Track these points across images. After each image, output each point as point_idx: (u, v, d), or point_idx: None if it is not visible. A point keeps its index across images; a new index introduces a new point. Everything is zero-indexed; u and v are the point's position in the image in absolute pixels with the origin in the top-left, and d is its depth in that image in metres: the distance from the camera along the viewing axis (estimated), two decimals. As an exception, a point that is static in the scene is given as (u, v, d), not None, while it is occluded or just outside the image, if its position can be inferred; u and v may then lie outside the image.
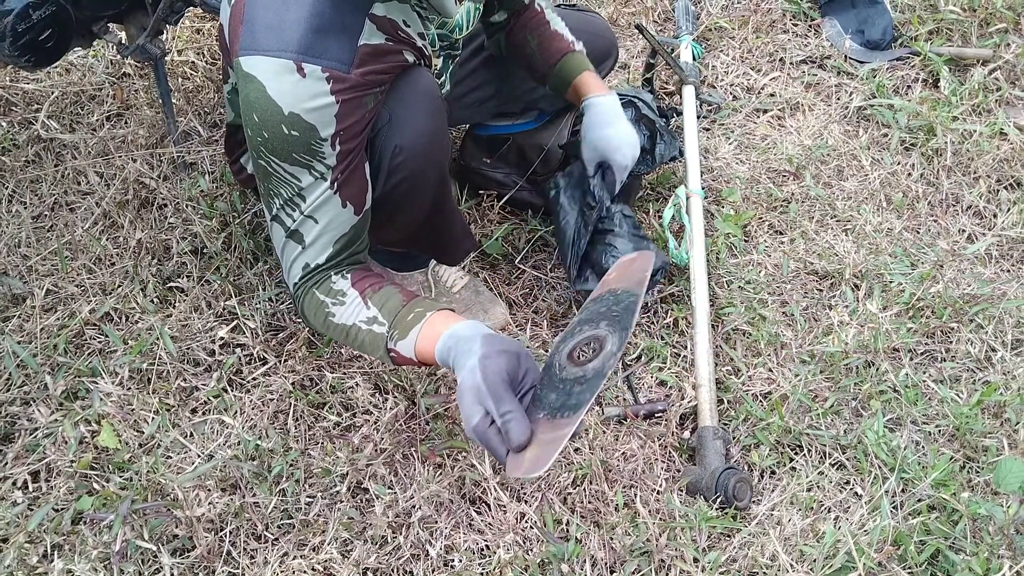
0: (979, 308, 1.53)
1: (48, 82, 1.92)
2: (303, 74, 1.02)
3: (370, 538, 1.22)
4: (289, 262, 1.17)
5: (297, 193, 1.10)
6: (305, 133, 1.05)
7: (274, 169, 1.09)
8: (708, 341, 1.43)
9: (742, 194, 1.76)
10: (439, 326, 1.07)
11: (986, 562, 1.15)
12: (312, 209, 1.11)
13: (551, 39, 1.49)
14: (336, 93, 1.05)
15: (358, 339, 1.14)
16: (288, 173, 1.09)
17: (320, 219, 1.12)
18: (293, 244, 1.15)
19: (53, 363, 1.41)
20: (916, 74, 2.04)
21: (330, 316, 1.15)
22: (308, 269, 1.16)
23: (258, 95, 1.03)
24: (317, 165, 1.08)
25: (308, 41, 1.02)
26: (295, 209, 1.12)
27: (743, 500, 1.24)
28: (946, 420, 1.37)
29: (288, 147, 1.06)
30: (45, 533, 1.19)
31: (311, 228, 1.13)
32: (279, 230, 1.15)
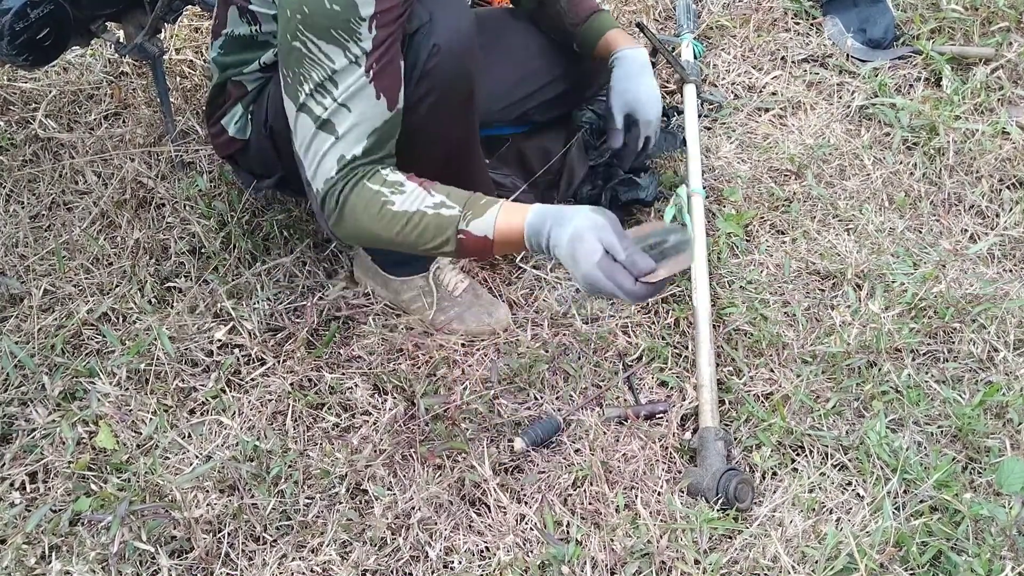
0: (982, 308, 1.52)
1: (46, 81, 1.92)
2: None
3: (369, 540, 1.21)
4: (319, 155, 1.12)
5: (329, 77, 1.08)
6: (346, 9, 1.04)
7: (308, 49, 1.07)
8: (709, 341, 1.43)
9: (743, 193, 1.75)
10: (520, 207, 1.12)
11: (988, 563, 1.15)
12: (346, 96, 1.09)
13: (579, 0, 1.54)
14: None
15: (420, 225, 1.10)
16: (323, 53, 1.07)
17: (353, 108, 1.10)
18: (324, 135, 1.11)
19: (51, 363, 1.40)
20: (918, 73, 2.03)
21: (388, 204, 1.11)
22: (344, 161, 1.12)
23: None
24: (353, 46, 1.07)
25: None
26: (326, 95, 1.09)
27: (744, 501, 1.24)
28: (948, 421, 1.36)
29: (327, 21, 1.05)
30: (43, 534, 1.19)
31: (344, 117, 1.10)
32: (306, 120, 1.11)
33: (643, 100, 1.49)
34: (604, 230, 1.05)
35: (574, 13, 1.53)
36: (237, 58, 1.31)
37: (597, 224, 1.05)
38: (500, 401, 1.39)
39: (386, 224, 1.12)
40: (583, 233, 1.04)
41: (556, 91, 1.63)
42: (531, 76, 1.60)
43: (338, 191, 1.13)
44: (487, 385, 1.42)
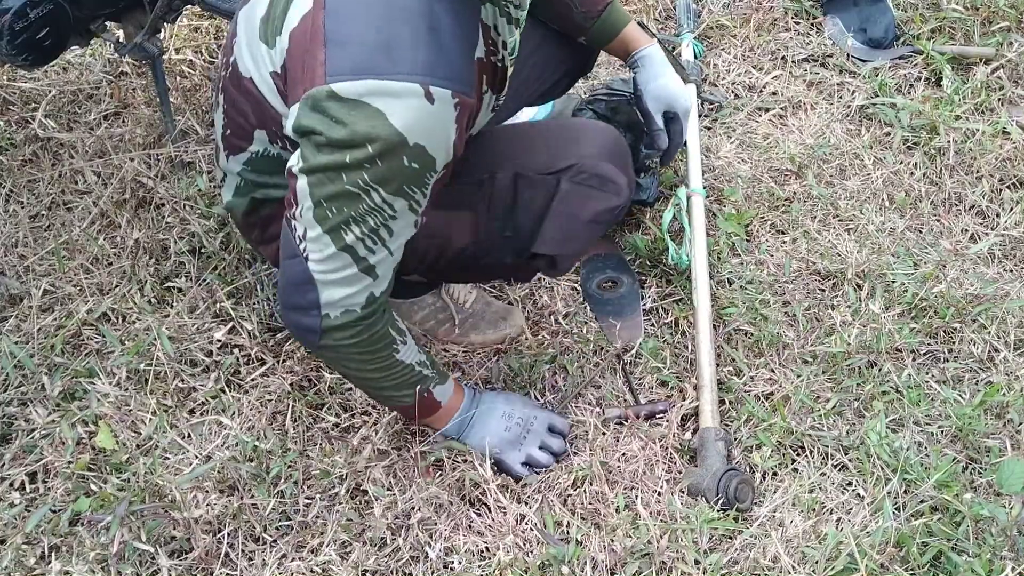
0: (982, 308, 1.52)
1: (45, 81, 1.91)
2: (431, 100, 0.88)
3: (369, 540, 1.21)
4: (348, 290, 1.03)
5: (384, 224, 0.98)
6: (425, 165, 0.94)
7: (371, 198, 0.95)
8: (709, 341, 1.43)
9: (744, 193, 1.75)
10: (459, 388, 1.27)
11: (988, 563, 1.15)
12: (396, 244, 1.02)
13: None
14: (458, 121, 0.93)
15: (403, 376, 1.14)
16: (386, 203, 0.96)
17: (395, 252, 1.04)
18: (362, 276, 1.03)
19: (50, 364, 1.40)
20: (919, 73, 2.03)
21: (395, 352, 1.12)
22: (373, 299, 1.05)
23: (376, 125, 0.88)
24: (419, 196, 0.98)
25: (433, 59, 0.88)
26: (378, 243, 1.00)
27: (745, 502, 1.23)
28: (949, 421, 1.36)
29: (402, 179, 0.94)
30: (42, 534, 1.19)
31: (388, 262, 1.04)
32: (345, 259, 1.00)
33: (677, 94, 1.42)
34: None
35: (586, 7, 1.43)
36: (270, 179, 1.16)
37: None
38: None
39: (382, 367, 1.12)
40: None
41: (553, 79, 1.56)
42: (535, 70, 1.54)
43: (360, 327, 1.06)
44: (488, 386, 1.42)
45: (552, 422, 1.32)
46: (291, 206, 1.00)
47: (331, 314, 1.04)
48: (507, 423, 1.28)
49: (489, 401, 1.30)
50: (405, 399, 1.19)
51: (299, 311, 1.06)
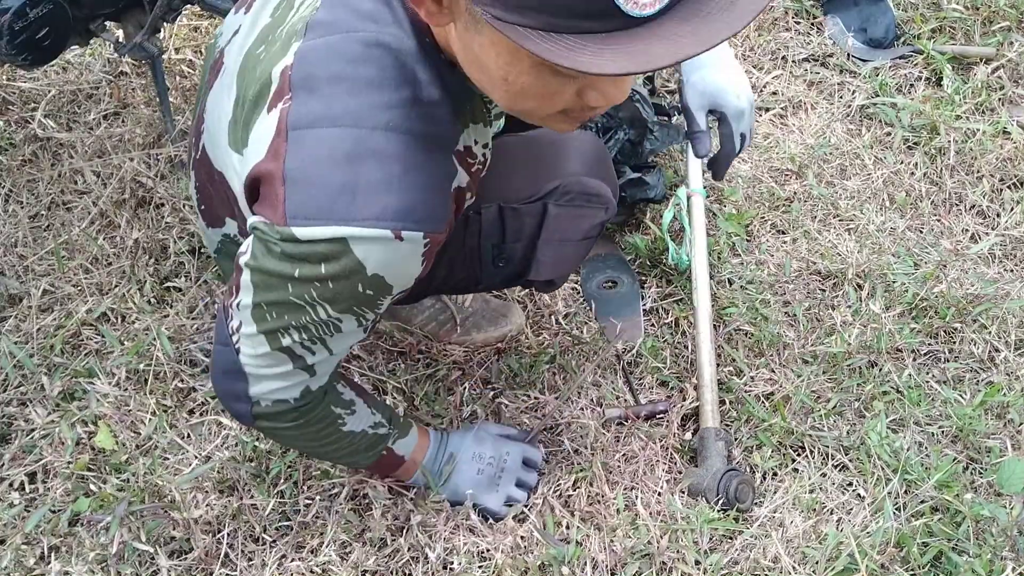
0: (982, 308, 1.52)
1: (45, 81, 1.91)
2: (401, 240, 0.80)
3: (369, 540, 1.21)
4: (280, 387, 0.96)
5: (328, 335, 0.91)
6: (380, 291, 0.86)
7: (315, 311, 0.87)
8: (710, 341, 1.42)
9: (744, 193, 1.75)
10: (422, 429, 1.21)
11: (989, 564, 1.15)
12: (339, 349, 0.94)
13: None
14: (426, 256, 0.85)
15: (356, 443, 1.08)
16: (332, 318, 0.88)
17: (338, 353, 0.96)
18: (299, 373, 0.95)
19: (50, 364, 1.40)
20: (919, 73, 2.03)
21: (341, 426, 1.06)
22: (309, 393, 0.98)
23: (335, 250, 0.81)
24: (369, 316, 0.91)
25: (406, 205, 0.80)
26: (317, 345, 0.92)
27: (745, 502, 1.23)
28: (949, 421, 1.36)
29: (353, 301, 0.86)
30: (42, 535, 1.19)
31: (329, 362, 0.96)
32: (280, 357, 0.92)
33: (728, 88, 1.20)
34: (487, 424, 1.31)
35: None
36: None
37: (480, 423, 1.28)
38: (501, 401, 1.39)
39: (330, 441, 1.06)
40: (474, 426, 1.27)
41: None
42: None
43: (295, 415, 0.99)
44: (488, 386, 1.42)
45: (525, 454, 1.27)
46: (231, 295, 0.92)
47: (262, 403, 0.97)
48: (479, 465, 1.23)
49: (456, 444, 1.23)
50: (363, 461, 1.14)
51: (229, 395, 0.98)
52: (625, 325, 1.49)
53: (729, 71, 1.21)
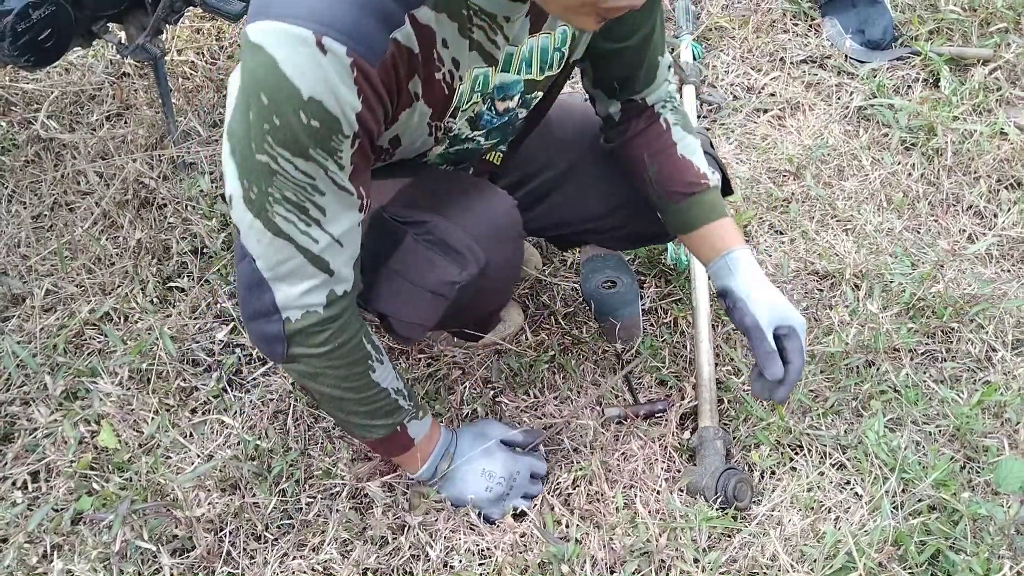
0: (979, 308, 1.53)
1: (48, 82, 1.92)
2: (323, 51, 0.80)
3: (370, 539, 1.21)
4: (302, 289, 0.95)
5: (310, 200, 0.89)
6: (326, 125, 0.84)
7: (280, 165, 0.87)
8: (708, 341, 1.43)
9: (742, 194, 1.76)
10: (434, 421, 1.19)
11: (986, 562, 1.15)
12: (340, 232, 0.93)
13: (676, 168, 1.20)
14: (358, 86, 0.84)
15: (379, 402, 1.06)
16: (300, 171, 0.87)
17: (344, 240, 0.94)
18: (314, 270, 0.94)
19: (53, 363, 1.40)
20: (916, 74, 2.04)
21: (370, 371, 1.03)
22: (336, 298, 0.96)
23: (268, 71, 0.81)
24: (332, 165, 0.88)
25: (335, 10, 0.80)
26: (311, 223, 0.91)
27: (743, 501, 1.24)
28: (946, 420, 1.37)
29: (304, 139, 0.85)
30: (45, 533, 1.19)
31: (340, 254, 0.94)
32: (288, 250, 0.92)
33: (787, 303, 1.17)
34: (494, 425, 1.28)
35: (668, 186, 1.20)
36: None
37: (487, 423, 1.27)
38: (501, 401, 1.40)
39: (357, 386, 1.03)
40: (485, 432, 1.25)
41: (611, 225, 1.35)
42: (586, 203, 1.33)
43: (327, 332, 0.96)
44: (488, 385, 1.43)
45: (533, 468, 1.25)
46: (230, 203, 0.93)
47: (291, 317, 0.96)
48: (488, 483, 1.21)
49: (467, 448, 1.21)
50: (377, 430, 1.10)
51: (260, 319, 0.97)
52: (624, 325, 1.50)
53: (781, 294, 1.19)
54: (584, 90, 1.24)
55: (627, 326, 1.50)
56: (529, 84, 1.08)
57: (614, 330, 1.50)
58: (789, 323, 1.16)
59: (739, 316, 1.16)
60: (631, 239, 1.40)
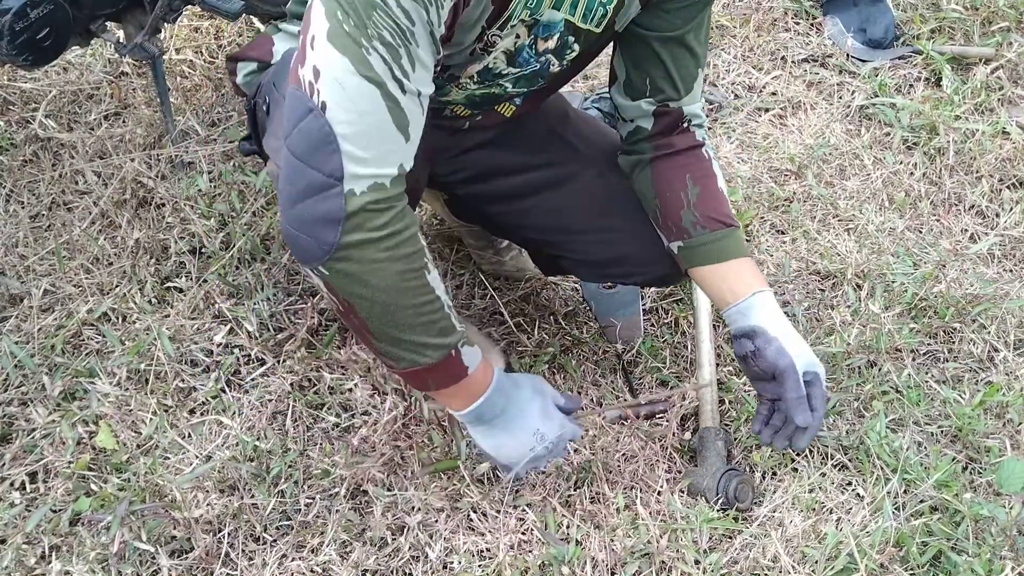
0: (982, 308, 1.52)
1: (46, 81, 1.92)
2: None
3: (369, 540, 1.21)
4: (380, 154, 0.85)
5: (405, 43, 0.83)
6: None
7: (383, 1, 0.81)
8: (710, 341, 1.43)
9: (744, 193, 1.75)
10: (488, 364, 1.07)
11: (988, 563, 1.15)
12: (417, 76, 0.85)
13: (716, 197, 1.17)
14: None
15: (435, 314, 0.93)
16: (403, 12, 0.81)
17: (423, 96, 0.87)
18: (394, 130, 0.85)
19: (51, 363, 1.40)
20: (918, 73, 2.03)
21: (426, 271, 0.91)
22: (403, 174, 0.87)
23: None
24: (433, 16, 0.83)
25: None
26: (403, 73, 0.84)
27: (744, 502, 1.24)
28: (948, 421, 1.36)
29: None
30: (43, 534, 1.19)
31: (418, 118, 0.87)
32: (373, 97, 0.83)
33: (811, 351, 1.13)
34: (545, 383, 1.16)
35: (704, 215, 1.15)
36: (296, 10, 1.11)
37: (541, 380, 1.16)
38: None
39: (413, 287, 0.91)
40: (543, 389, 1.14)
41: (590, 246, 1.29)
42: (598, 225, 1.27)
43: (392, 212, 0.86)
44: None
45: (574, 436, 1.18)
46: (303, 43, 0.85)
47: (356, 189, 0.84)
48: (536, 443, 1.10)
49: (526, 401, 1.09)
50: (430, 352, 0.95)
51: (314, 195, 0.85)
52: (625, 325, 1.50)
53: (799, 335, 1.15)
54: (613, 100, 1.21)
55: (627, 326, 1.50)
56: (569, 27, 1.05)
57: (614, 330, 1.49)
58: (815, 369, 1.12)
59: (772, 356, 1.10)
60: (603, 273, 1.35)
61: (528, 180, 1.28)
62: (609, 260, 1.29)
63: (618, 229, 1.25)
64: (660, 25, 1.11)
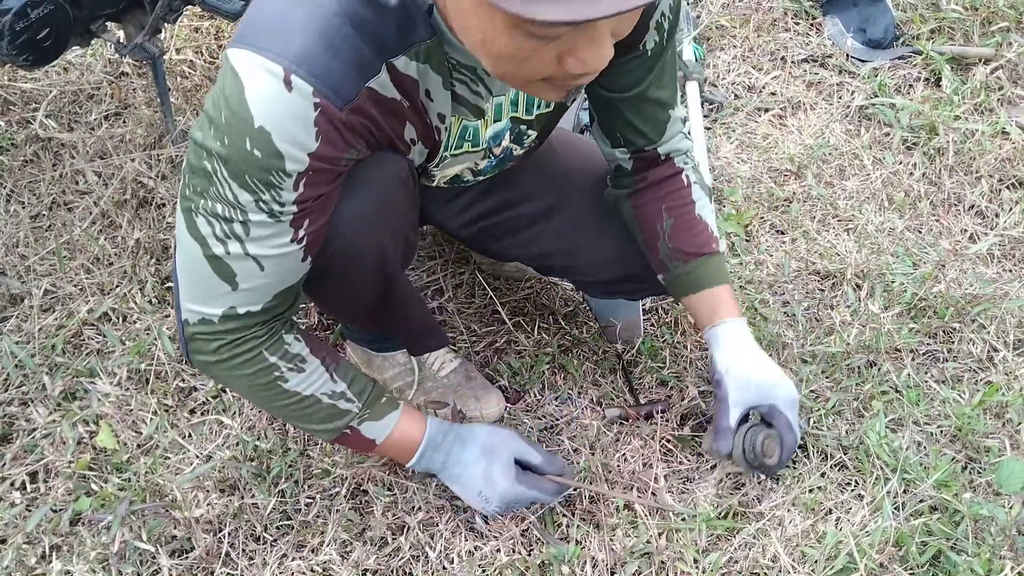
0: (981, 308, 1.52)
1: (46, 81, 1.92)
2: (289, 87, 0.81)
3: (369, 540, 1.21)
4: (202, 294, 0.94)
5: (239, 220, 0.88)
6: (268, 158, 0.84)
7: (217, 179, 0.87)
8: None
9: (743, 193, 1.75)
10: (418, 416, 1.14)
11: (988, 563, 1.15)
12: (262, 253, 0.91)
13: (691, 227, 1.17)
14: (319, 128, 0.84)
15: (308, 408, 1.03)
16: (233, 195, 0.87)
17: (268, 268, 0.92)
18: (217, 280, 0.93)
19: (51, 363, 1.40)
20: (918, 73, 2.03)
21: (281, 381, 1.00)
22: (234, 313, 0.95)
23: (233, 93, 0.82)
24: (268, 200, 0.87)
25: (309, 52, 0.82)
26: (232, 239, 0.90)
27: (772, 458, 1.15)
28: (948, 421, 1.36)
29: (243, 166, 0.84)
30: (43, 534, 1.19)
31: (252, 273, 0.92)
32: (196, 250, 0.91)
33: (778, 381, 1.15)
34: (511, 440, 1.17)
35: (681, 244, 1.17)
36: None
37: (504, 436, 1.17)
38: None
39: (269, 396, 1.01)
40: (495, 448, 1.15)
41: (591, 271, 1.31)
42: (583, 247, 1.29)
43: (219, 343, 0.96)
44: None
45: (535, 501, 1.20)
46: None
47: (189, 319, 0.97)
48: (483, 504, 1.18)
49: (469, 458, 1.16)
50: (321, 434, 1.08)
51: (175, 310, 0.99)
52: (625, 325, 1.50)
53: (772, 368, 1.17)
54: (594, 137, 1.21)
55: (627, 326, 1.50)
56: (516, 121, 1.08)
57: (614, 330, 1.49)
58: (770, 401, 1.15)
59: (717, 389, 1.16)
60: (608, 291, 1.35)
61: (527, 212, 1.28)
62: (616, 279, 1.30)
63: (622, 248, 1.26)
64: (620, 84, 1.08)
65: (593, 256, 1.28)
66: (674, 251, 1.18)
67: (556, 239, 1.28)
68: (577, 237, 1.28)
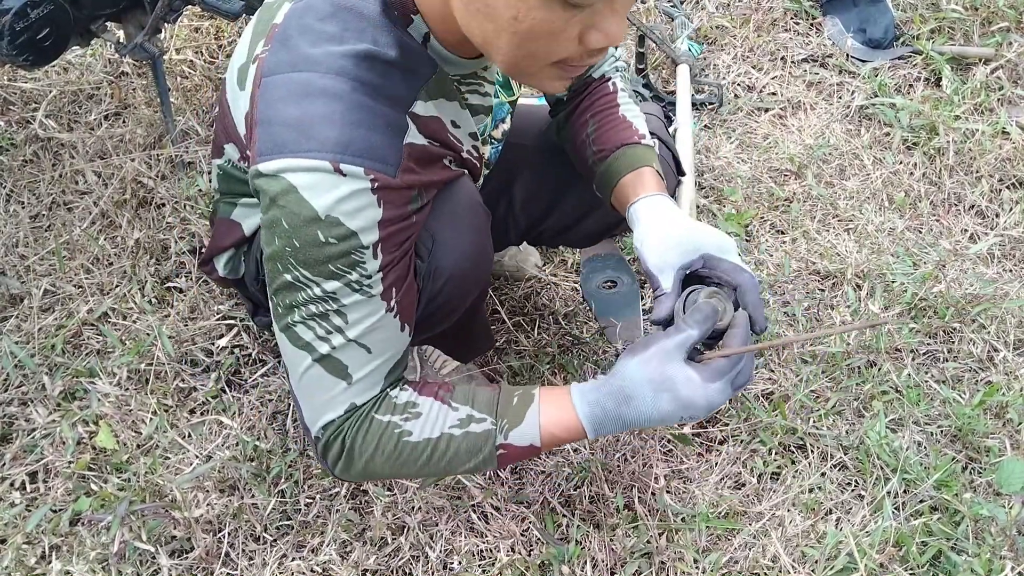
0: (981, 308, 1.52)
1: (46, 81, 1.92)
2: (342, 175, 0.82)
3: (369, 540, 1.21)
4: (322, 402, 0.91)
5: (334, 310, 0.87)
6: (345, 242, 0.84)
7: (304, 283, 0.86)
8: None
9: (743, 193, 1.75)
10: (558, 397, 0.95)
11: (988, 563, 1.15)
12: (361, 332, 0.89)
13: (613, 127, 1.12)
14: (381, 197, 0.85)
15: (449, 451, 0.93)
16: (322, 289, 0.86)
17: (374, 346, 0.90)
18: (332, 379, 0.90)
19: (51, 363, 1.40)
20: (918, 73, 2.03)
21: (405, 436, 0.92)
22: (355, 409, 0.92)
23: (288, 199, 0.82)
24: (355, 276, 0.87)
25: (346, 137, 0.82)
26: (333, 333, 0.88)
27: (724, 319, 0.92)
28: (948, 421, 1.36)
29: (324, 257, 0.84)
30: (43, 534, 1.19)
31: (360, 358, 0.90)
32: (304, 359, 0.90)
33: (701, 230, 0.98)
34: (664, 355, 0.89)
35: (600, 143, 1.11)
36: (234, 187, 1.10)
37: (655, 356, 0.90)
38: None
39: (407, 459, 0.93)
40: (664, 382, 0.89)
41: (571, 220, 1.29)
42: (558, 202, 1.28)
43: (343, 434, 0.93)
44: (487, 385, 1.42)
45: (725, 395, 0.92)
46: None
47: (317, 435, 0.93)
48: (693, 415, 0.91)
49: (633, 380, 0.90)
50: (481, 466, 0.95)
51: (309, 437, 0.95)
52: (625, 325, 1.50)
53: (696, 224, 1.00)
54: None
55: (627, 326, 1.50)
56: (512, 104, 1.13)
57: (614, 330, 1.49)
58: (698, 252, 0.96)
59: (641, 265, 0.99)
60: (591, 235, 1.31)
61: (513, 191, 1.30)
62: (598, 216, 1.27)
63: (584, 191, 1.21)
64: None
65: (566, 205, 1.28)
66: (597, 152, 1.11)
67: (534, 204, 1.29)
68: (545, 193, 1.28)
